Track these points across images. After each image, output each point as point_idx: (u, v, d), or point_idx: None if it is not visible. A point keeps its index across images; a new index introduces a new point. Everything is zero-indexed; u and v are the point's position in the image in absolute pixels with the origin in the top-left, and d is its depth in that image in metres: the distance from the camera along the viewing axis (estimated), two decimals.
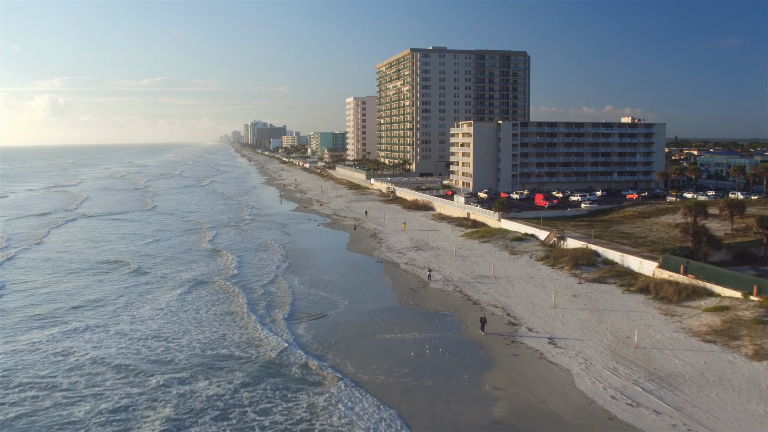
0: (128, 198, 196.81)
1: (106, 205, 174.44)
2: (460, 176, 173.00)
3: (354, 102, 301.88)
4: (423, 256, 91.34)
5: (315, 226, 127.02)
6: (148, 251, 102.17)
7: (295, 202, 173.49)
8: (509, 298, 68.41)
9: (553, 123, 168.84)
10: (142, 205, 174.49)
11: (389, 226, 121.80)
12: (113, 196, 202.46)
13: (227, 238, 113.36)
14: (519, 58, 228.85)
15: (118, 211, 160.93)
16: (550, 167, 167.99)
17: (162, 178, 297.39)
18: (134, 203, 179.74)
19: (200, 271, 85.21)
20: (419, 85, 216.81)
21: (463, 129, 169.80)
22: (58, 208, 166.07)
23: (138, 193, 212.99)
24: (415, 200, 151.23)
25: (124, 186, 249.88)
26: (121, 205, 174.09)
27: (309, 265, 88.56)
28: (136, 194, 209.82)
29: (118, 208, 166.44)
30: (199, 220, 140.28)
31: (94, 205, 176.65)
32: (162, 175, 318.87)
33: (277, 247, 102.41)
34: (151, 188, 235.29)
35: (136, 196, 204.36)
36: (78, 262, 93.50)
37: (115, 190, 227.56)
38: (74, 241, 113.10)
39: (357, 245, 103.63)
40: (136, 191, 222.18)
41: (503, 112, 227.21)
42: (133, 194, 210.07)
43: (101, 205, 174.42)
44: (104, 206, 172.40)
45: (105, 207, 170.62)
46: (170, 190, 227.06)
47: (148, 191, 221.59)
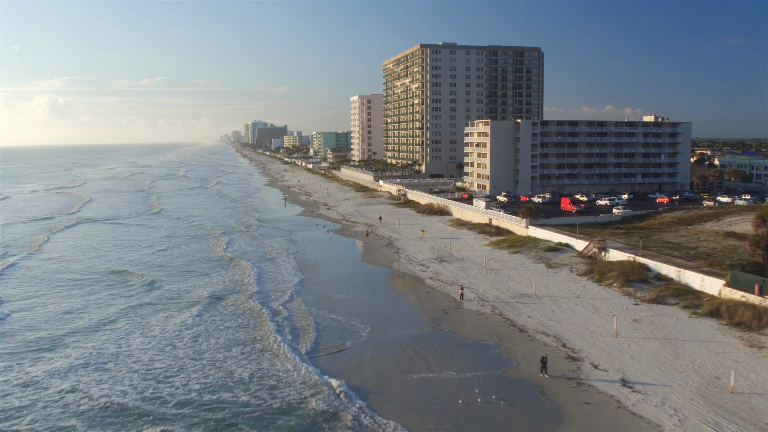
0: (133, 200, 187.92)
1: (111, 208, 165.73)
2: (474, 178, 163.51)
3: (359, 100, 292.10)
4: (449, 270, 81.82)
5: (324, 232, 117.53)
6: (157, 260, 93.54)
7: (300, 206, 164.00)
8: (560, 323, 58.88)
9: (574, 122, 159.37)
10: (148, 208, 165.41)
11: (406, 233, 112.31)
12: (117, 199, 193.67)
13: (238, 246, 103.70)
14: (533, 54, 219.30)
15: (123, 214, 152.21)
16: (571, 169, 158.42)
17: (166, 179, 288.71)
18: (139, 206, 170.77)
19: (215, 287, 76.06)
20: (429, 82, 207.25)
21: (478, 128, 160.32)
22: (60, 212, 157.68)
23: (143, 195, 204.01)
24: (429, 204, 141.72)
25: (128, 187, 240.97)
26: (125, 208, 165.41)
27: (322, 280, 79.09)
28: (140, 196, 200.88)
29: (122, 212, 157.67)
30: (207, 224, 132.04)
31: (98, 207, 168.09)
32: (166, 176, 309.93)
33: (287, 258, 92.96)
34: (156, 190, 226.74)
35: (140, 198, 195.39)
36: (82, 273, 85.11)
37: (119, 192, 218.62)
38: (78, 249, 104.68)
39: (373, 256, 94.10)
40: (140, 193, 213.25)
41: (516, 110, 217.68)
42: (138, 196, 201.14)
43: (105, 208, 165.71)
44: (108, 209, 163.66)
45: (109, 210, 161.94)
46: (175, 191, 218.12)
47: (153, 193, 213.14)
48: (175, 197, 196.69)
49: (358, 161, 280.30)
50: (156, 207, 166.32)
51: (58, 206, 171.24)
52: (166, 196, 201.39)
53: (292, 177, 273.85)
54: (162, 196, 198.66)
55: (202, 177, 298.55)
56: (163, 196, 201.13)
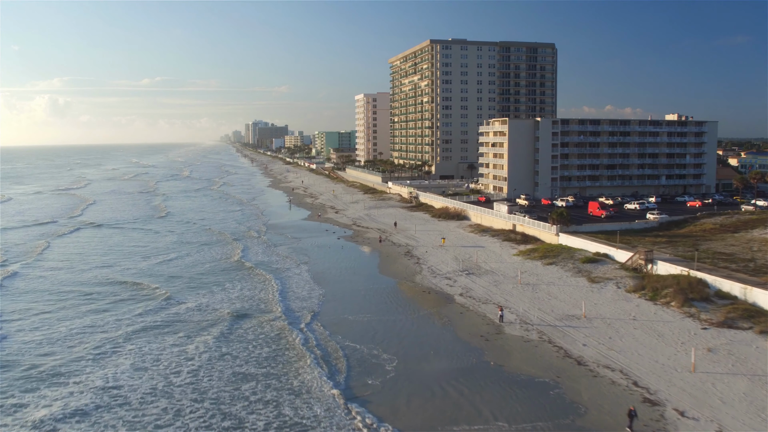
0: (139, 202, 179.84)
1: (116, 211, 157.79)
2: (490, 180, 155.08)
3: (364, 99, 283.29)
4: (479, 284, 73.40)
5: (335, 239, 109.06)
6: (169, 270, 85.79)
7: (306, 209, 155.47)
8: (622, 353, 50.48)
9: (596, 120, 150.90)
10: (155, 211, 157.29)
11: (423, 240, 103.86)
12: (122, 201, 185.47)
13: (250, 255, 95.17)
14: (546, 50, 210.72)
15: (129, 218, 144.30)
16: (593, 170, 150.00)
17: (171, 180, 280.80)
18: (146, 209, 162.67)
19: (231, 304, 68.09)
20: (439, 79, 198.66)
21: (495, 127, 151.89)
22: (63, 214, 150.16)
23: (148, 197, 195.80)
24: (445, 208, 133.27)
25: (133, 188, 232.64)
26: (131, 211, 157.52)
27: (338, 297, 70.73)
28: (146, 198, 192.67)
29: (128, 215, 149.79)
30: (215, 228, 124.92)
31: (103, 210, 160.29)
32: (171, 177, 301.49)
33: (298, 268, 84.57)
34: (162, 191, 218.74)
35: (146, 200, 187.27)
36: (87, 285, 77.52)
37: (123, 194, 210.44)
38: (82, 256, 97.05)
39: (392, 267, 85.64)
40: (146, 195, 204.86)
41: (529, 108, 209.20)
42: (144, 198, 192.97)
43: (110, 211, 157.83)
44: (113, 212, 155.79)
45: (114, 213, 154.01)
46: (181, 193, 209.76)
47: (159, 194, 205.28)
48: (182, 199, 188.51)
49: (363, 162, 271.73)
50: (163, 210, 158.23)
51: (62, 208, 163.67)
52: (172, 197, 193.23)
53: (296, 178, 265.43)
54: (168, 198, 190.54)
55: (206, 178, 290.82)
56: (169, 197, 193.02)
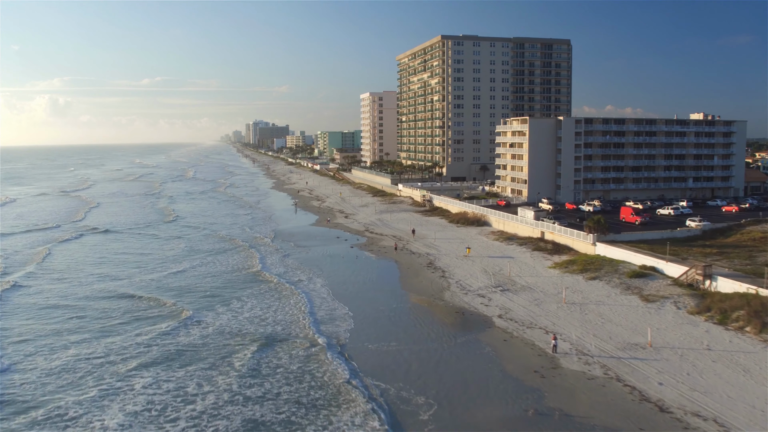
0: (144, 205, 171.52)
1: (121, 215, 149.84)
2: (508, 182, 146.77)
3: (370, 98, 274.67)
4: (518, 303, 65.07)
5: (348, 248, 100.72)
6: (184, 282, 78.05)
7: (313, 213, 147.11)
8: (708, 394, 42.18)
9: (620, 119, 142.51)
10: (162, 215, 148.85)
11: (445, 249, 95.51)
12: (128, 203, 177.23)
13: (270, 265, 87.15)
14: (562, 47, 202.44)
15: (136, 222, 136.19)
16: (617, 172, 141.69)
17: (176, 181, 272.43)
18: (153, 212, 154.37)
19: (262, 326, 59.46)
20: (451, 77, 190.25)
21: (513, 126, 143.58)
22: (66, 218, 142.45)
23: (154, 200, 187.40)
24: (462, 213, 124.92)
25: (137, 190, 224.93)
26: (138, 215, 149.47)
27: (358, 319, 62.41)
28: (152, 201, 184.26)
29: (135, 219, 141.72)
30: (225, 234, 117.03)
31: (107, 213, 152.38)
32: (176, 178, 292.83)
33: (312, 282, 76.23)
34: (167, 192, 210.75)
35: (152, 203, 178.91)
36: (92, 300, 69.95)
37: (129, 196, 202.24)
38: (86, 266, 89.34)
39: (415, 281, 77.30)
40: (151, 197, 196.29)
41: (544, 107, 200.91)
42: (149, 201, 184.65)
43: (115, 215, 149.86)
44: (119, 216, 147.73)
45: (120, 217, 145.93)
46: (187, 195, 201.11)
47: (164, 196, 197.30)
48: (188, 202, 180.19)
49: (370, 163, 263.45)
50: (170, 213, 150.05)
51: (65, 211, 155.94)
52: (177, 200, 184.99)
53: (300, 179, 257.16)
54: (174, 201, 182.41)
55: (210, 179, 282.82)
56: (174, 200, 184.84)
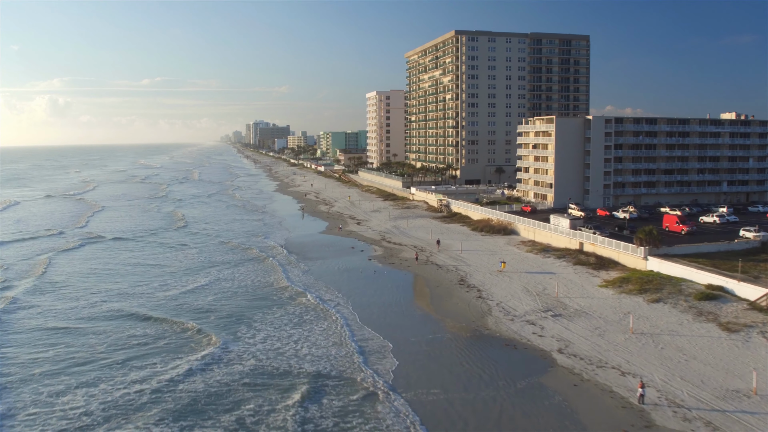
0: (152, 209, 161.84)
1: (128, 220, 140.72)
2: (530, 186, 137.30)
3: (376, 97, 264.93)
4: (577, 333, 55.44)
5: (365, 260, 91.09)
6: (204, 300, 69.15)
7: (322, 219, 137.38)
8: None
9: (652, 119, 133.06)
10: (171, 220, 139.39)
11: (474, 261, 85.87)
12: (134, 207, 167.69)
13: (296, 280, 77.70)
14: (581, 43, 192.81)
15: (145, 228, 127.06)
16: (649, 175, 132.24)
17: (182, 183, 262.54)
18: (160, 217, 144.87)
19: (308, 364, 50.11)
20: (465, 74, 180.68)
21: (537, 126, 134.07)
22: (70, 224, 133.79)
23: (161, 203, 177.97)
24: (486, 220, 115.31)
25: (143, 192, 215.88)
26: (145, 220, 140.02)
27: (397, 355, 52.78)
28: (159, 204, 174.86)
29: (143, 225, 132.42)
30: (239, 242, 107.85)
31: (113, 218, 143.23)
32: (182, 180, 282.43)
33: (336, 307, 66.59)
34: (174, 195, 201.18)
35: (159, 206, 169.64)
36: (105, 321, 61.75)
37: (135, 198, 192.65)
38: (91, 280, 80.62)
39: (449, 304, 67.59)
40: (158, 200, 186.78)
41: (562, 107, 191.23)
42: (156, 204, 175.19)
43: (122, 220, 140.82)
44: (126, 221, 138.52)
45: (127, 222, 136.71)
46: (195, 198, 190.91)
47: (172, 199, 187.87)
48: (196, 206, 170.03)
49: (379, 164, 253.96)
50: (179, 218, 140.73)
51: (68, 216, 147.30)
52: (186, 204, 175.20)
53: (304, 181, 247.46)
54: (182, 205, 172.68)
55: (217, 181, 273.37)
56: (182, 204, 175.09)
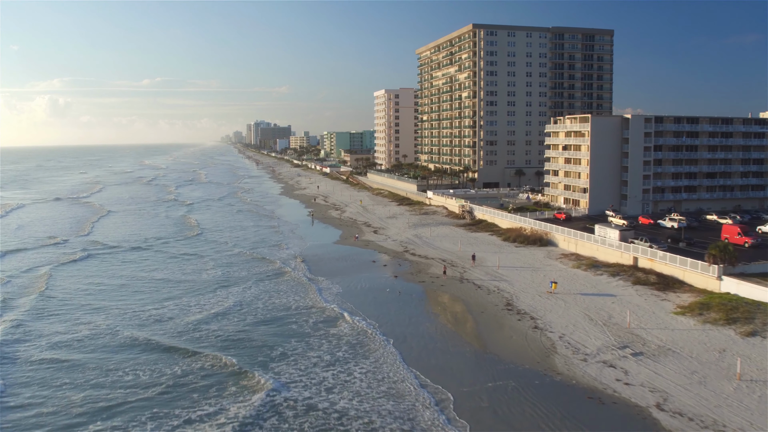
0: (162, 214, 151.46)
1: (138, 227, 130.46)
2: (560, 191, 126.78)
3: (385, 95, 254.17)
4: (670, 379, 44.81)
5: (390, 277, 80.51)
6: (235, 326, 59.59)
7: (334, 226, 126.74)
8: None
9: (693, 118, 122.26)
10: (183, 227, 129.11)
11: (516, 279, 75.32)
12: (143, 212, 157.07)
13: (323, 300, 67.26)
14: (605, 38, 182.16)
15: (156, 236, 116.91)
16: (690, 179, 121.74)
17: (190, 185, 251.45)
18: (171, 224, 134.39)
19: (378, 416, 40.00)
20: (483, 70, 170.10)
21: (568, 126, 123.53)
22: (74, 230, 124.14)
23: (171, 207, 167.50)
24: (517, 228, 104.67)
25: (151, 194, 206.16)
26: (156, 227, 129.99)
27: (463, 409, 42.26)
28: (169, 208, 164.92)
29: (154, 232, 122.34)
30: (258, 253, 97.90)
31: (122, 225, 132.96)
32: (189, 182, 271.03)
33: (376, 341, 56.10)
34: (184, 198, 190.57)
35: (169, 210, 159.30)
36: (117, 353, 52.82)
37: (143, 202, 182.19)
38: (98, 298, 71.32)
39: (500, 336, 56.87)
40: (168, 204, 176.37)
41: (585, 105, 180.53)
42: (166, 208, 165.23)
43: (130, 226, 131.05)
44: (135, 228, 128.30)
45: (136, 229, 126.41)
46: (205, 202, 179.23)
47: (181, 203, 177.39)
48: (208, 210, 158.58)
49: (389, 165, 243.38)
50: (192, 225, 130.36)
51: (74, 222, 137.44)
52: (196, 208, 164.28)
53: (310, 183, 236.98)
54: (193, 209, 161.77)
55: (225, 182, 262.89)
56: (193, 208, 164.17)
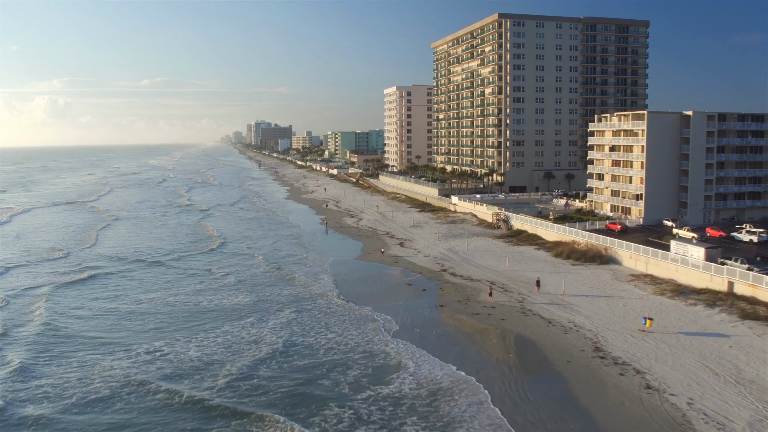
0: (173, 221, 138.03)
1: (150, 236, 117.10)
2: (606, 197, 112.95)
3: (396, 93, 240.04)
4: None
5: (432, 305, 66.62)
6: (282, 379, 46.82)
7: (352, 237, 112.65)
8: None
9: (759, 116, 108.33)
10: (201, 237, 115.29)
11: (594, 313, 61.37)
12: (156, 218, 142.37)
13: (373, 340, 53.42)
14: (640, 29, 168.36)
15: (172, 248, 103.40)
16: (754, 184, 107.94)
17: (201, 188, 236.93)
18: (187, 233, 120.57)
19: None
20: (510, 64, 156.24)
21: (615, 124, 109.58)
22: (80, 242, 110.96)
23: (184, 213, 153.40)
24: (569, 243, 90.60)
25: (161, 198, 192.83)
26: (170, 237, 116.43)
27: None
28: (181, 213, 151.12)
29: (168, 243, 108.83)
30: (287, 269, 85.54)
31: (133, 235, 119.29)
32: (200, 184, 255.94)
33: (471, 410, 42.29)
34: (196, 202, 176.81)
35: (182, 216, 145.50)
36: (133, 411, 42.06)
37: (154, 207, 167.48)
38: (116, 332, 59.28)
39: (607, 403, 42.73)
40: (180, 209, 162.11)
41: (619, 102, 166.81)
42: (178, 213, 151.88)
43: (144, 237, 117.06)
44: (147, 238, 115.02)
45: (150, 240, 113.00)
46: (220, 207, 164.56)
47: (196, 208, 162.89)
48: (225, 218, 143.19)
49: (402, 167, 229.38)
50: (211, 235, 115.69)
51: (78, 230, 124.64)
52: (212, 214, 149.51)
53: (317, 186, 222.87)
54: (208, 215, 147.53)
55: (236, 185, 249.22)
56: (209, 214, 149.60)
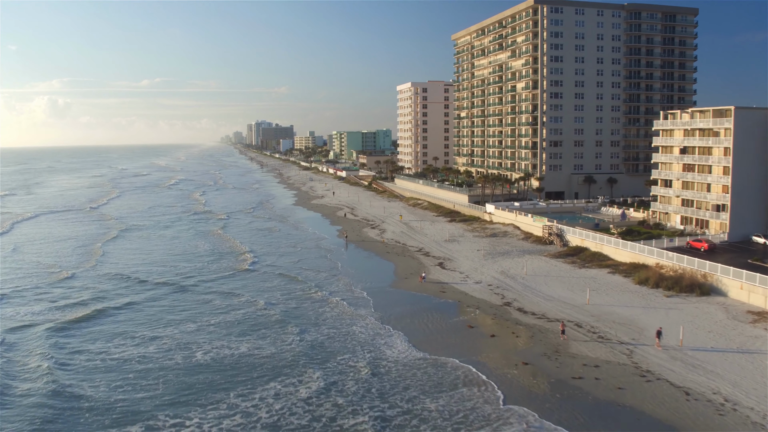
0: (195, 232, 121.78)
1: (169, 251, 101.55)
2: (675, 206, 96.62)
3: (411, 89, 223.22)
4: None
5: (512, 363, 50.20)
6: None
7: (379, 255, 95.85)
8: None
9: None
10: (226, 253, 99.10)
11: (740, 378, 45.02)
12: (174, 230, 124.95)
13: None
14: (688, 18, 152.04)
15: (195, 267, 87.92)
16: None
17: (215, 192, 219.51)
18: (210, 247, 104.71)
19: None
20: (546, 55, 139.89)
21: (687, 122, 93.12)
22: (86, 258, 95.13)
23: (204, 222, 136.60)
24: (655, 267, 74.14)
25: (176, 203, 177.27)
26: (191, 251, 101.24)
27: None
28: (200, 224, 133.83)
29: (191, 260, 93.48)
30: (336, 301, 69.90)
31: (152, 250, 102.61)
32: (212, 188, 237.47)
33: None
34: (215, 209, 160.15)
35: (203, 228, 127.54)
36: None
37: (169, 214, 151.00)
38: (129, 389, 46.45)
39: None
40: (198, 216, 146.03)
41: (665, 98, 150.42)
42: (195, 222, 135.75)
43: (163, 252, 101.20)
44: (166, 253, 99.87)
45: (167, 255, 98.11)
46: (241, 215, 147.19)
47: (215, 216, 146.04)
48: (246, 228, 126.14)
49: (418, 169, 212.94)
50: (241, 253, 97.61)
51: (86, 241, 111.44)
52: (233, 224, 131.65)
53: (325, 190, 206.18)
54: (228, 225, 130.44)
55: (249, 188, 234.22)
56: (229, 224, 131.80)
